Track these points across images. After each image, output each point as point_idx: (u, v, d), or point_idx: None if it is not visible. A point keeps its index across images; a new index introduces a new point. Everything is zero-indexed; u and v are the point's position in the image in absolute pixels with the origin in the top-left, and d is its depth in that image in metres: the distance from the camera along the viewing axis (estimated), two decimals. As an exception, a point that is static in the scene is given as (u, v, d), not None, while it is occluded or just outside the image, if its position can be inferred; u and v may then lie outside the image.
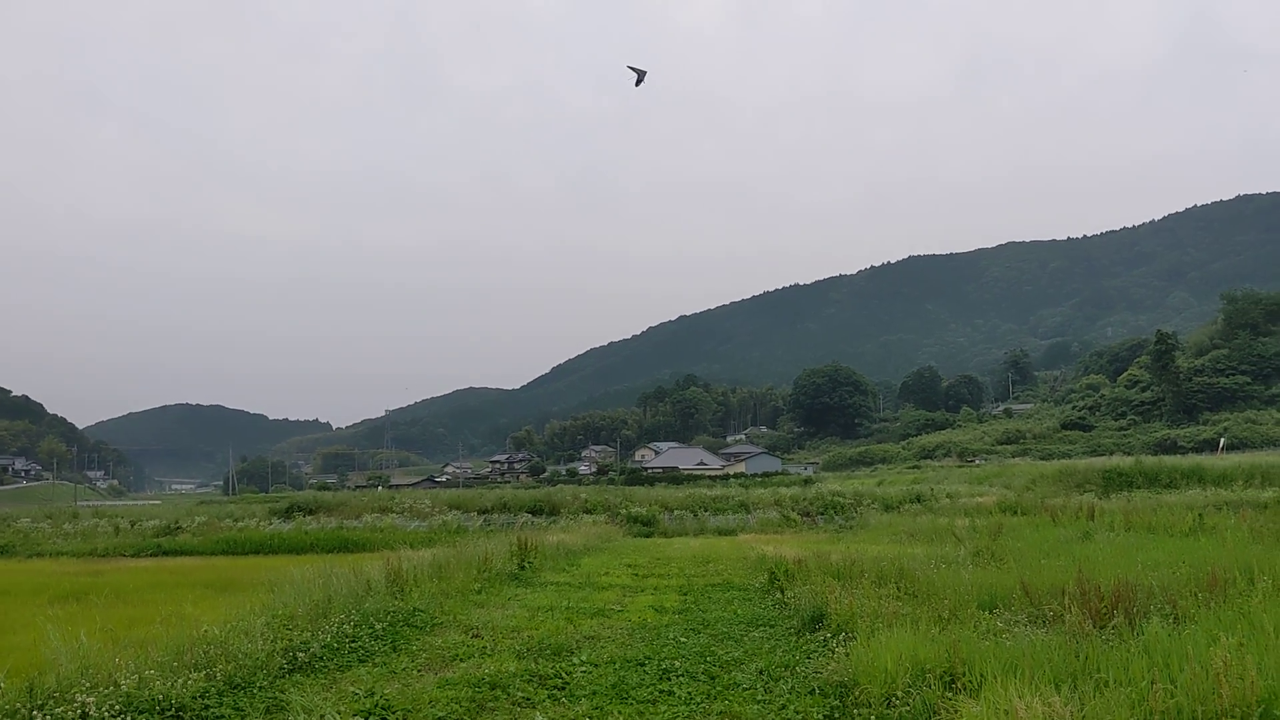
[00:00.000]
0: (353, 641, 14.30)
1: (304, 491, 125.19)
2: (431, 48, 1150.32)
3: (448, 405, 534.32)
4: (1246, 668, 8.28)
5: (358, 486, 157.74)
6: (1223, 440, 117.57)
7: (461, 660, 13.44)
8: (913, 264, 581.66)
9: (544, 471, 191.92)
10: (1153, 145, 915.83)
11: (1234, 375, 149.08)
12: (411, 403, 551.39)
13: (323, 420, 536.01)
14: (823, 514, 51.91)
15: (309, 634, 13.90)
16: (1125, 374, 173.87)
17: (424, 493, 71.45)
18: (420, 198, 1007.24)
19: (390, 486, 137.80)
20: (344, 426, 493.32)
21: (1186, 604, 13.40)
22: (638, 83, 34.61)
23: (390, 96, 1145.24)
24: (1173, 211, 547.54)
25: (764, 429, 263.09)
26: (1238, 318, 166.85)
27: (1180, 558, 18.91)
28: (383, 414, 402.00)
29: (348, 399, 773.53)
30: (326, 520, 51.42)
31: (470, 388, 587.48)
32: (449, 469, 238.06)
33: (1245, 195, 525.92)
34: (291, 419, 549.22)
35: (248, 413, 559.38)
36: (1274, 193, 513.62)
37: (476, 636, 15.34)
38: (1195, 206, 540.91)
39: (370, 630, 15.05)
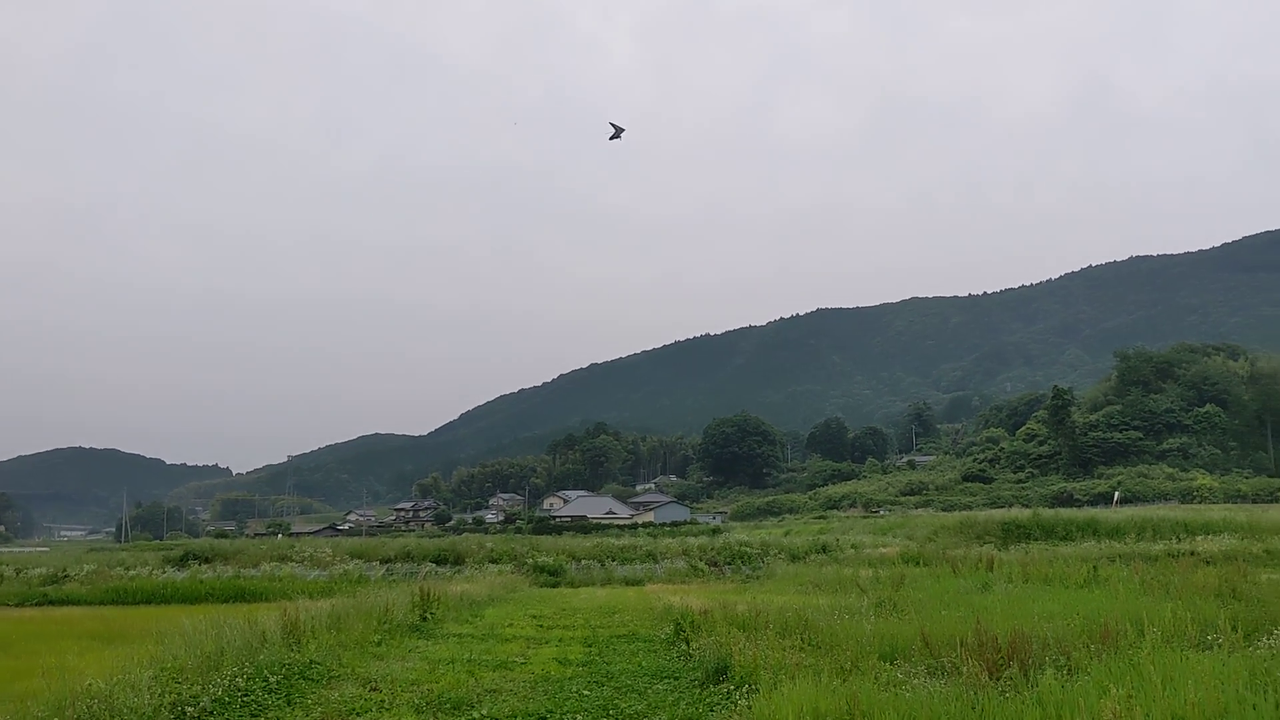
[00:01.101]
0: (245, 695, 13.88)
1: (200, 539, 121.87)
2: (349, 88, 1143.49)
3: (353, 451, 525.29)
4: (1135, 719, 8.46)
5: (257, 534, 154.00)
6: (1116, 494, 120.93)
7: (358, 714, 13.14)
8: (820, 317, 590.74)
9: (450, 520, 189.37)
10: (1050, 205, 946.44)
11: (1127, 431, 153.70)
12: (315, 448, 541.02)
13: (222, 465, 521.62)
14: (730, 564, 52.01)
15: (199, 687, 13.46)
16: (1023, 428, 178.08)
17: (325, 541, 69.99)
18: (332, 243, 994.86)
19: (290, 534, 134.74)
20: (244, 472, 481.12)
21: (1079, 655, 13.69)
22: (612, 136, 35.10)
23: (307, 134, 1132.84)
24: (1068, 271, 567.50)
25: (673, 478, 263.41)
26: (1130, 375, 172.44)
27: (1074, 609, 19.34)
28: (285, 460, 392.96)
29: (249, 444, 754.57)
30: (223, 569, 49.98)
31: (376, 433, 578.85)
32: (352, 517, 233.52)
33: (1137, 256, 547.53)
34: (190, 464, 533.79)
35: (144, 457, 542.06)
36: (1164, 254, 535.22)
37: (375, 690, 15.01)
38: (1089, 266, 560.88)
39: (264, 683, 14.63)
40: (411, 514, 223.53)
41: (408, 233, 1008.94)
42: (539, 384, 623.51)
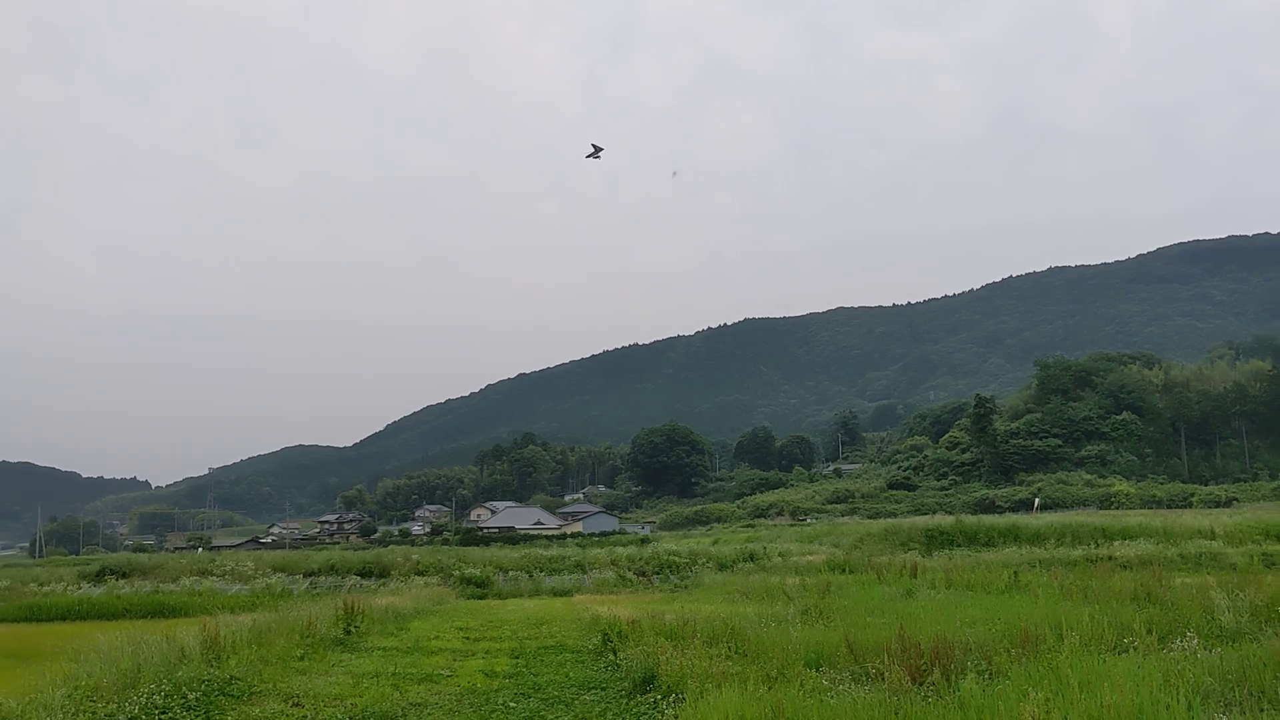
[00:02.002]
0: (163, 713, 13.57)
1: (118, 553, 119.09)
2: (270, 99, 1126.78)
3: (275, 463, 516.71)
4: (1053, 721, 8.61)
5: (177, 548, 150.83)
6: (1037, 501, 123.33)
7: (280, 731, 12.89)
8: (748, 326, 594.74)
9: (375, 532, 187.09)
10: (973, 218, 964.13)
11: (1047, 438, 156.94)
12: (237, 460, 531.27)
13: (141, 478, 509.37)
14: (658, 573, 52.02)
15: (115, 706, 13.14)
16: (947, 436, 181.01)
17: (247, 554, 68.75)
18: (257, 255, 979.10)
19: (211, 548, 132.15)
20: (164, 485, 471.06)
21: (1001, 660, 13.91)
22: (590, 155, 35.18)
23: (227, 141, 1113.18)
24: (990, 281, 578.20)
25: (602, 488, 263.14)
26: (1050, 383, 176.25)
27: (996, 614, 19.66)
28: (206, 472, 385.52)
29: (168, 457, 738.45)
30: (141, 584, 48.85)
31: (300, 445, 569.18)
32: (275, 530, 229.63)
33: (1056, 267, 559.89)
34: (107, 477, 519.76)
35: (59, 470, 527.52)
36: (1082, 265, 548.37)
37: (297, 705, 14.76)
38: (1011, 277, 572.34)
39: (182, 700, 14.31)
40: (336, 526, 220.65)
41: (331, 246, 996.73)
42: (466, 394, 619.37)
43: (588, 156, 34.94)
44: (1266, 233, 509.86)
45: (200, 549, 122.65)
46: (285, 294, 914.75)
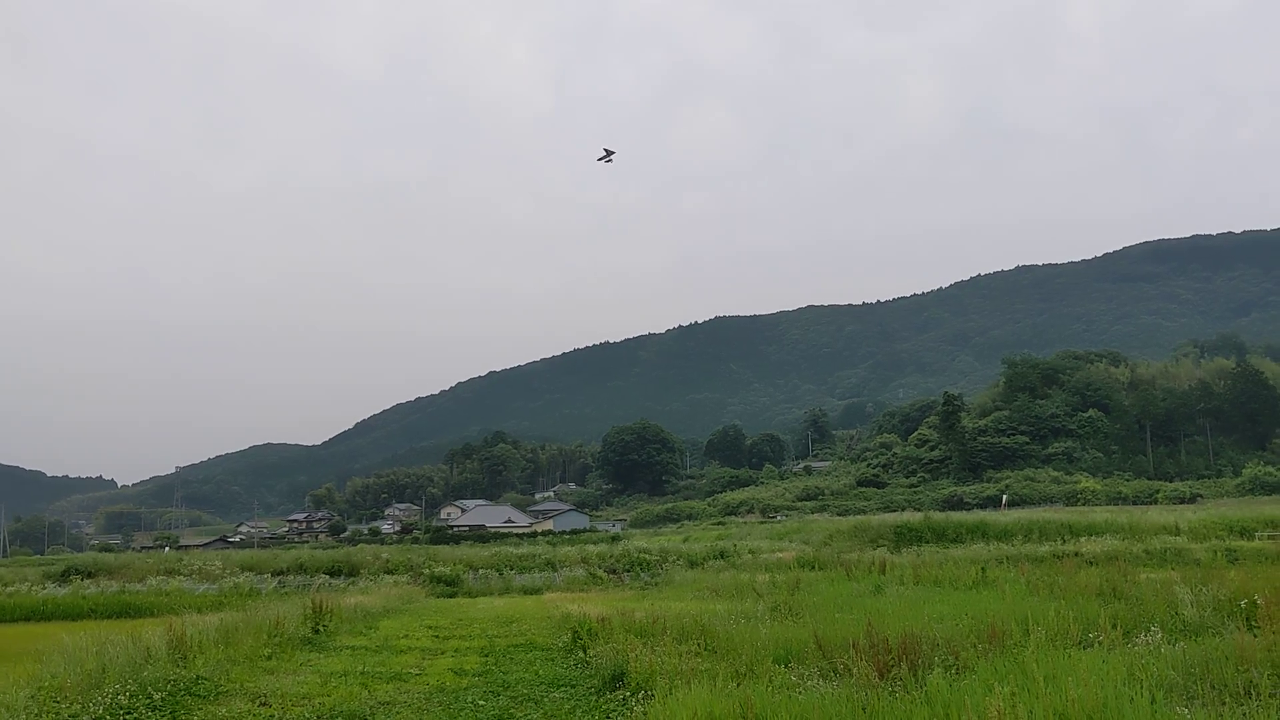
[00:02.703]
0: (128, 713, 13.46)
1: (84, 553, 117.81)
2: (234, 100, 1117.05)
3: (244, 462, 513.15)
4: (1019, 716, 8.68)
5: (143, 547, 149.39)
6: (1005, 497, 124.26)
7: (246, 730, 12.81)
8: (719, 325, 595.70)
9: (345, 531, 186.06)
10: (942, 217, 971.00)
11: (1014, 435, 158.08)
12: (205, 459, 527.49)
13: (107, 477, 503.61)
14: (629, 571, 52.05)
15: (79, 706, 13.02)
16: (916, 433, 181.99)
17: (215, 554, 68.32)
18: (220, 249, 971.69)
19: (179, 547, 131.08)
20: (131, 484, 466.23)
21: (968, 655, 14.01)
22: (601, 158, 35.20)
23: (190, 143, 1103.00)
24: (959, 280, 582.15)
25: (573, 486, 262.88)
26: (1017, 381, 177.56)
27: (963, 610, 19.79)
28: (173, 471, 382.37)
29: (135, 456, 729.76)
30: (107, 584, 48.34)
31: (268, 443, 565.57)
32: (243, 529, 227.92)
33: (1024, 266, 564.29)
34: (73, 476, 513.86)
35: (23, 469, 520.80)
36: (1050, 264, 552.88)
37: (264, 705, 14.66)
38: (979, 276, 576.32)
39: (148, 701, 14.19)
40: (305, 525, 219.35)
41: (298, 246, 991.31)
42: (436, 393, 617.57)
43: (599, 160, 35.06)
44: (1230, 232, 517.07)
45: (167, 548, 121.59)
46: (252, 294, 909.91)
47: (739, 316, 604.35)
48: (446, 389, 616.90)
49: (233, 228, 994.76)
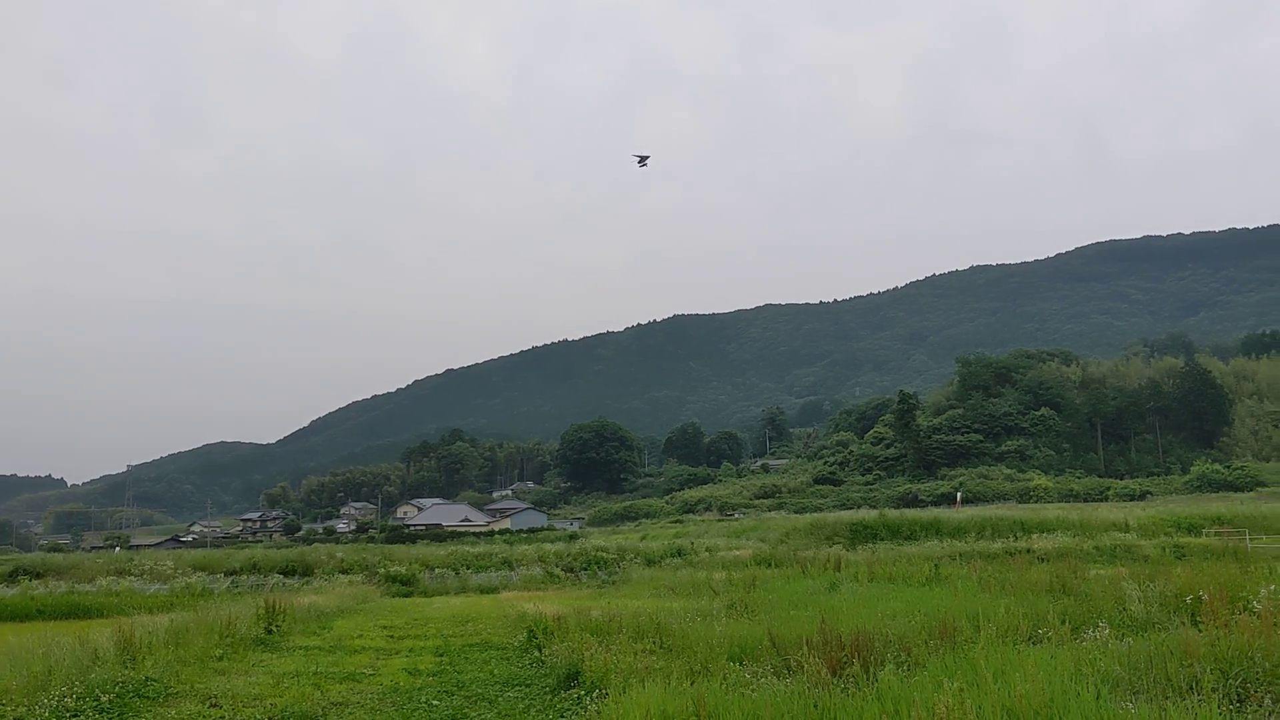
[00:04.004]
0: (75, 715, 13.29)
1: (32, 553, 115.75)
2: (194, 83, 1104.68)
3: (197, 460, 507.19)
4: (967, 711, 8.78)
5: (94, 547, 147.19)
6: (959, 494, 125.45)
7: (196, 732, 12.69)
8: (678, 323, 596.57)
9: (300, 530, 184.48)
10: (899, 217, 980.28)
11: (968, 433, 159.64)
12: (157, 458, 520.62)
13: (56, 476, 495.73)
14: (586, 569, 52.01)
15: (24, 709, 12.86)
16: (872, 431, 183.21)
17: (167, 554, 67.41)
18: (177, 237, 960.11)
19: (130, 547, 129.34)
20: (81, 483, 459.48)
21: (920, 651, 14.14)
22: (640, 163, 35.07)
23: (149, 128, 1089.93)
24: (914, 279, 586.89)
25: (531, 484, 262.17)
26: (971, 380, 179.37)
27: (916, 607, 19.97)
28: (125, 469, 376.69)
29: (85, 453, 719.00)
30: (56, 584, 47.57)
31: (222, 441, 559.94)
32: (196, 528, 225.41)
33: (978, 266, 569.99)
34: (21, 474, 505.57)
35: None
36: (1003, 264, 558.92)
37: (215, 706, 14.52)
38: (935, 275, 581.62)
39: (95, 703, 14.01)
40: (259, 524, 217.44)
41: (256, 233, 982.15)
42: (393, 390, 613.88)
43: (639, 164, 35.06)
44: (1180, 233, 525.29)
45: (118, 548, 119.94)
46: (208, 282, 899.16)
47: (698, 315, 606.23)
48: (404, 386, 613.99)
49: (190, 215, 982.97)
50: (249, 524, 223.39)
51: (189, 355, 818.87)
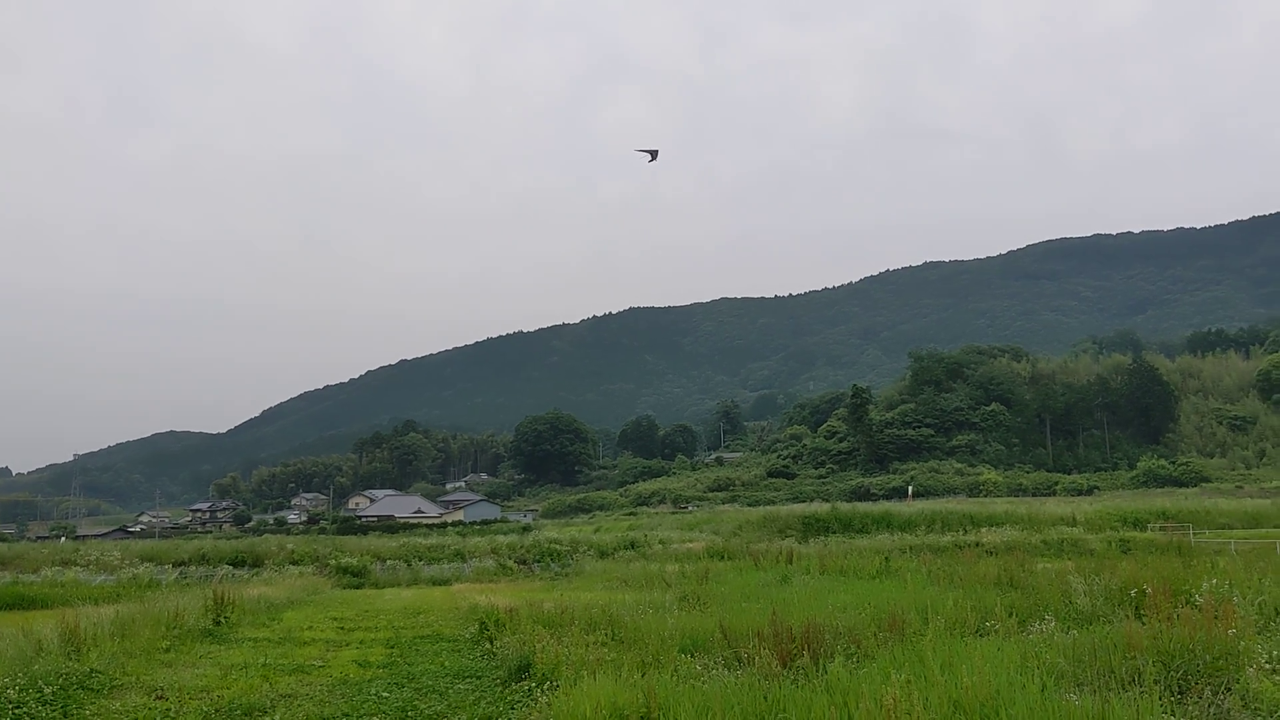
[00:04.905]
0: (17, 708, 13.06)
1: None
2: (146, 70, 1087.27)
3: (145, 450, 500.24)
4: (914, 703, 8.88)
5: (38, 537, 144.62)
6: (910, 488, 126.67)
7: (141, 725, 12.54)
8: (633, 315, 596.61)
9: (250, 521, 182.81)
10: (854, 212, 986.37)
11: (920, 428, 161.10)
12: (105, 447, 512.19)
13: (0, 465, 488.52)
14: (539, 562, 52.00)
15: (-36, 701, 12.59)
16: (825, 425, 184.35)
17: (114, 544, 66.44)
18: (129, 224, 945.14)
19: (76, 537, 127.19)
20: (25, 472, 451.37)
21: (869, 644, 14.28)
22: (651, 159, 34.82)
23: (101, 115, 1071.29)
24: (868, 275, 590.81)
25: (485, 476, 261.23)
26: (923, 375, 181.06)
27: (866, 600, 20.16)
28: (71, 459, 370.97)
29: (30, 442, 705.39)
30: (0, 575, 46.84)
31: (171, 431, 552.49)
32: (144, 518, 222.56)
33: (931, 262, 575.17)
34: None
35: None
36: (956, 260, 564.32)
37: (161, 698, 14.34)
38: (888, 271, 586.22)
39: (38, 695, 13.79)
40: (209, 515, 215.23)
41: (208, 222, 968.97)
42: (346, 381, 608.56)
43: (649, 159, 34.80)
44: (1130, 232, 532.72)
45: (64, 538, 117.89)
46: (159, 270, 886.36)
47: (653, 307, 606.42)
48: (356, 377, 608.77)
49: (141, 202, 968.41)
50: (198, 514, 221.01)
51: (138, 344, 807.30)
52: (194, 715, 13.01)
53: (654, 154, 35.52)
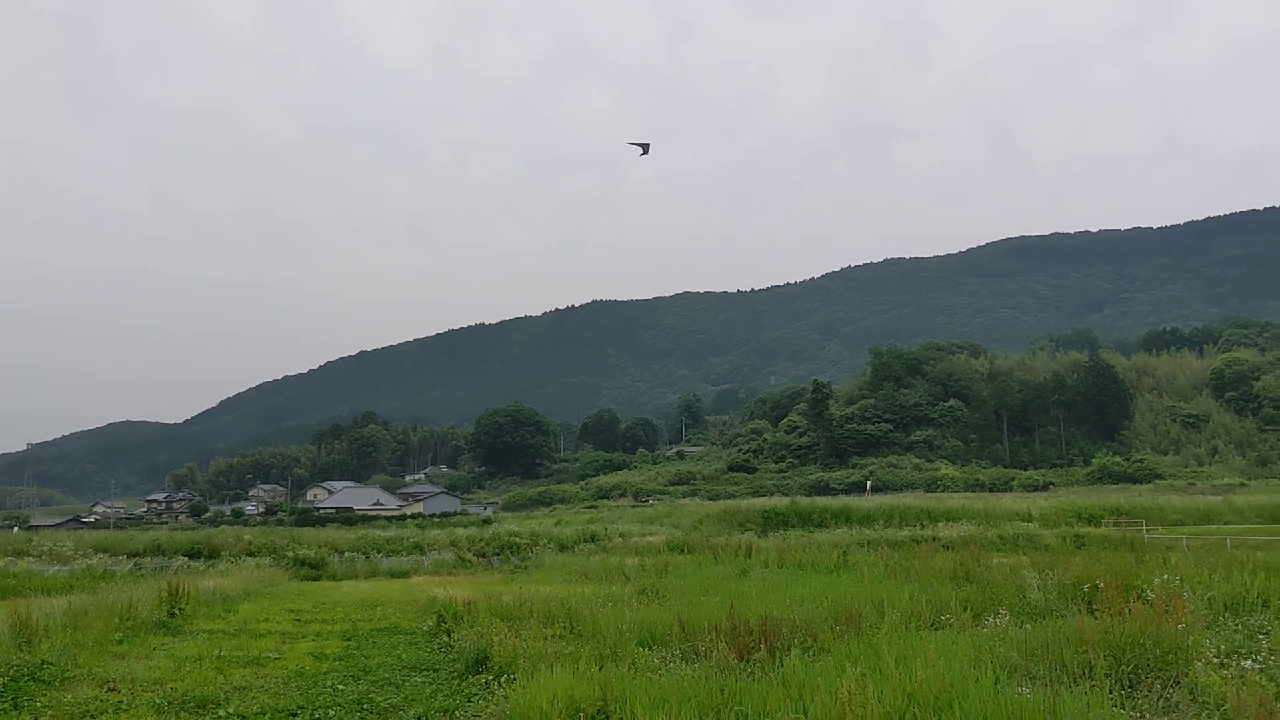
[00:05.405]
0: (-35, 701, 12.87)
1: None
2: (107, 54, 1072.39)
3: (100, 440, 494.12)
4: (868, 696, 8.95)
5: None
6: (869, 483, 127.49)
7: (93, 717, 12.41)
8: (595, 309, 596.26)
9: (206, 512, 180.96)
10: (816, 209, 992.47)
11: (879, 423, 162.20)
12: (58, 436, 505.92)
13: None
14: (499, 554, 51.89)
15: (-89, 694, 12.40)
16: (786, 420, 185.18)
17: (67, 535, 65.62)
18: (83, 212, 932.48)
19: (28, 528, 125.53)
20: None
21: (825, 637, 14.38)
22: (643, 153, 34.64)
23: (57, 102, 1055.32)
24: (830, 271, 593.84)
25: (445, 468, 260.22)
26: (883, 370, 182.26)
27: (824, 593, 20.27)
28: (24, 448, 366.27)
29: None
30: (-52, 566, 46.05)
31: (127, 420, 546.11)
32: (99, 509, 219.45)
33: (891, 259, 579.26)
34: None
35: None
36: (916, 257, 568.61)
37: (113, 690, 14.18)
38: (849, 267, 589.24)
39: (-12, 687, 13.59)
40: (164, 506, 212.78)
41: (167, 207, 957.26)
42: (304, 371, 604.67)
43: (641, 152, 34.67)
44: (1087, 231, 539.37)
45: (16, 528, 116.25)
46: (117, 255, 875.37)
47: (616, 301, 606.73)
48: (315, 368, 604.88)
49: (97, 189, 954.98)
50: (154, 505, 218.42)
51: (93, 331, 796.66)
52: (146, 707, 12.87)
53: (645, 147, 35.51)
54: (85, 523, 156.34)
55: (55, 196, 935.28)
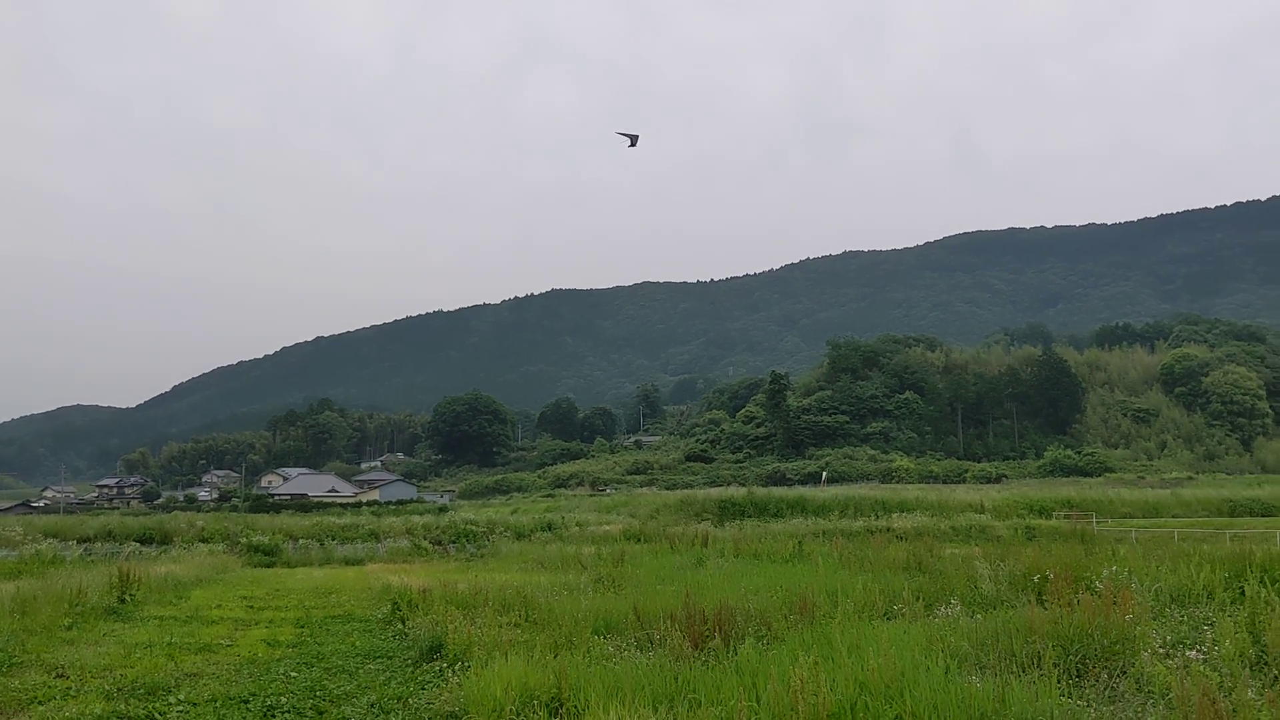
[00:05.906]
0: (-91, 688, 12.67)
1: None
2: (57, 35, 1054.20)
3: (51, 423, 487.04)
4: (820, 684, 9.03)
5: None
6: (825, 474, 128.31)
7: (40, 703, 12.25)
8: (554, 297, 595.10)
9: (159, 497, 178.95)
10: (776, 201, 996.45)
11: (835, 414, 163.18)
12: (8, 420, 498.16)
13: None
14: (455, 542, 51.79)
15: None
16: (743, 410, 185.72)
17: (16, 519, 64.79)
18: (35, 199, 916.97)
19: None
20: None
21: (779, 626, 14.48)
22: (631, 145, 34.39)
23: (5, 82, 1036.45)
24: (789, 263, 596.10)
25: (401, 456, 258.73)
26: (840, 362, 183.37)
27: (779, 583, 20.41)
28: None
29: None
30: (-107, 551, 45.30)
31: (78, 404, 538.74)
32: (49, 493, 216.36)
33: (850, 252, 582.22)
34: None
35: None
36: (874, 250, 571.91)
37: (61, 677, 14.02)
38: (808, 259, 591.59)
39: (-68, 674, 13.39)
40: (116, 491, 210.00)
41: (120, 192, 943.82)
42: (260, 357, 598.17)
43: (630, 144, 34.42)
44: (1043, 227, 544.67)
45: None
46: (67, 239, 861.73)
47: (575, 290, 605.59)
48: (271, 353, 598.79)
49: (48, 172, 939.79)
50: (106, 490, 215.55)
51: (44, 314, 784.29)
52: (95, 694, 12.73)
53: (634, 139, 35.41)
54: (35, 507, 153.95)
55: (8, 180, 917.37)
